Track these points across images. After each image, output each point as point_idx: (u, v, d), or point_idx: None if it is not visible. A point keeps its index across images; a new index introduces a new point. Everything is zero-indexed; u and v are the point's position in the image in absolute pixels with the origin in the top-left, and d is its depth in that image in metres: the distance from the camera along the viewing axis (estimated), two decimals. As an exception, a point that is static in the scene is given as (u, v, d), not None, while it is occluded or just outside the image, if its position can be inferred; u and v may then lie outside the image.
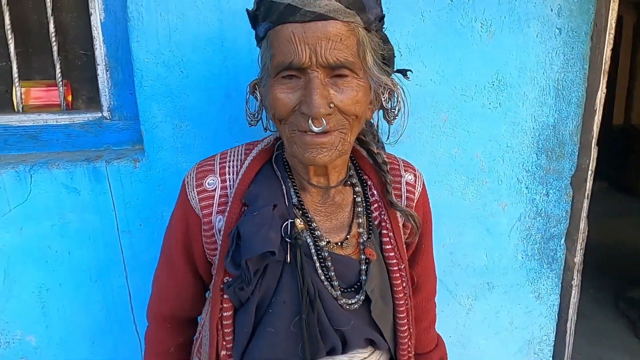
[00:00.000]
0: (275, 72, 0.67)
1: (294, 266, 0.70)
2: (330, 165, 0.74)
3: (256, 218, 0.70)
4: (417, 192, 0.86)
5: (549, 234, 1.30)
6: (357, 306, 0.74)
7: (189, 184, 0.79)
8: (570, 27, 1.15)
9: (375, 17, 0.70)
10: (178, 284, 0.82)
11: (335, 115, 0.67)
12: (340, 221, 0.79)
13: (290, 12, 0.64)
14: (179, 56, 1.04)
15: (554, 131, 1.22)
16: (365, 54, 0.68)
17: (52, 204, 1.09)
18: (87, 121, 1.17)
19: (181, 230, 0.80)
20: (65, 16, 1.17)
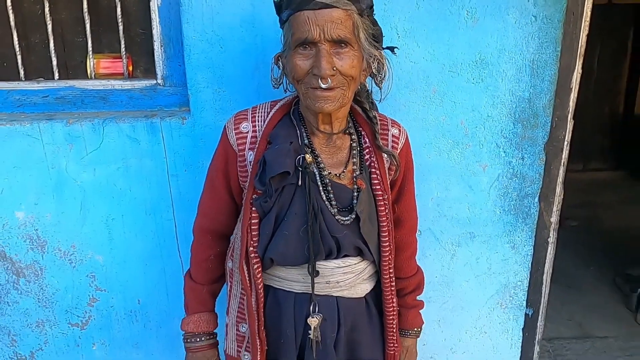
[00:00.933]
0: (294, 45, 0.93)
1: (304, 188, 0.97)
2: (334, 114, 0.99)
3: (277, 149, 0.97)
4: (401, 143, 1.11)
5: (523, 192, 1.52)
6: (349, 222, 1.00)
7: (229, 127, 1.06)
8: (544, 15, 1.35)
9: (367, 6, 0.95)
10: (218, 203, 1.10)
11: (337, 76, 0.92)
12: (339, 159, 1.05)
13: (305, 3, 0.90)
14: (219, 34, 1.31)
15: (529, 104, 1.43)
16: (359, 32, 0.93)
17: (118, 151, 1.39)
18: (145, 87, 1.46)
19: (222, 162, 1.07)
20: (128, 1, 1.46)
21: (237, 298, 1.08)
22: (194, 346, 1.11)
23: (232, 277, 1.10)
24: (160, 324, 1.57)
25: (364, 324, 1.07)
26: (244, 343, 1.07)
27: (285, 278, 1.03)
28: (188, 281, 1.14)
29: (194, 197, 1.42)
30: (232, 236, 1.14)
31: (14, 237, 1.44)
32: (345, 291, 1.04)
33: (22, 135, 1.35)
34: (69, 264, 1.48)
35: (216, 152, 1.10)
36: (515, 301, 1.65)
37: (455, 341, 1.68)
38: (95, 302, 1.53)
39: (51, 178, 1.40)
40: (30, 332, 1.54)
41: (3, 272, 1.48)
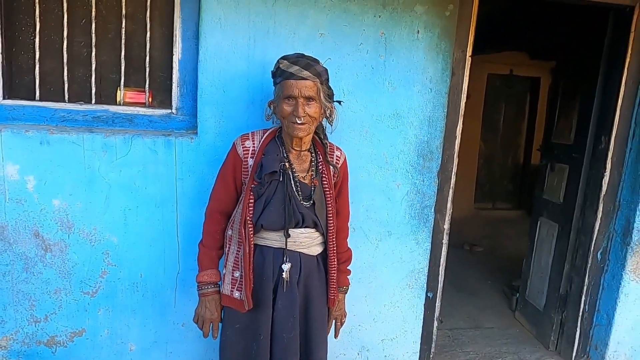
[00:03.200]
0: (283, 98, 1.55)
1: (283, 182, 1.57)
2: (303, 139, 1.60)
3: (270, 158, 1.56)
4: (341, 161, 1.75)
5: (424, 204, 2.21)
6: (309, 206, 1.61)
7: (237, 144, 1.63)
8: (436, 88, 2.11)
9: (325, 79, 1.61)
10: (227, 191, 1.64)
11: (307, 117, 1.54)
12: (304, 167, 1.65)
13: (291, 76, 1.52)
14: (223, 82, 1.91)
15: (427, 145, 2.15)
16: (320, 93, 1.58)
17: (141, 158, 1.90)
18: (162, 114, 2.00)
19: (231, 165, 1.63)
20: (155, 53, 2.02)
21: (234, 254, 1.63)
22: (206, 292, 1.63)
23: (231, 241, 1.65)
24: (156, 294, 2.03)
25: (315, 274, 1.66)
26: (236, 284, 1.61)
27: (267, 238, 1.61)
28: (202, 248, 1.67)
29: (193, 196, 1.97)
30: (232, 214, 1.69)
31: (48, 219, 1.87)
32: (305, 249, 1.63)
33: (68, 142, 1.83)
34: (89, 243, 1.93)
35: (227, 159, 1.67)
36: (418, 283, 2.31)
37: (376, 313, 2.29)
38: (106, 275, 1.97)
39: (86, 175, 1.87)
40: (48, 298, 1.94)
41: (34, 248, 1.89)
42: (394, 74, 2.05)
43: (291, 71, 1.52)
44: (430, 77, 2.09)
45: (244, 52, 1.90)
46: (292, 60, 1.55)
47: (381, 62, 2.03)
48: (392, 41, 2.02)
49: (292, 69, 1.52)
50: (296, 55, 1.58)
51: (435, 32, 2.06)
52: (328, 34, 1.96)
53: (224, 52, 1.89)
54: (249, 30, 1.89)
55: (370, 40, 2.00)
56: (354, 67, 2.01)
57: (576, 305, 2.71)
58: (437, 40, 2.07)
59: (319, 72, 1.56)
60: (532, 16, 3.50)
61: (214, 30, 1.87)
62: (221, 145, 1.94)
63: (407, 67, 2.06)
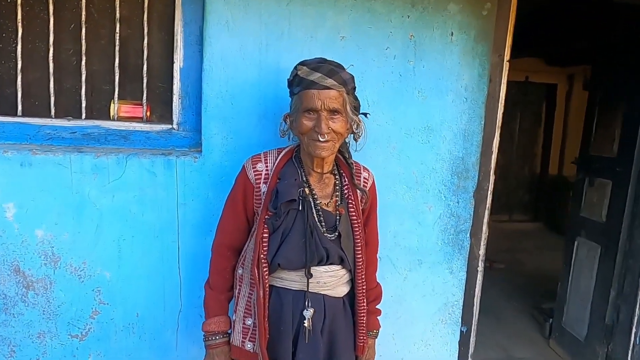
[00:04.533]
0: (302, 111, 1.31)
1: (303, 212, 1.31)
2: (325, 160, 1.36)
3: (286, 183, 1.32)
4: (369, 183, 1.50)
5: (458, 229, 1.95)
6: (334, 238, 1.35)
7: (247, 167, 1.39)
8: (472, 97, 1.86)
9: (351, 88, 1.36)
10: (237, 223, 1.40)
11: (331, 133, 1.30)
12: (327, 192, 1.41)
13: (313, 84, 1.29)
14: (231, 94, 1.67)
15: (462, 161, 1.90)
16: (346, 105, 1.33)
17: (137, 181, 1.65)
18: (161, 130, 1.76)
19: (241, 192, 1.39)
20: (153, 61, 1.78)
21: (245, 297, 1.37)
22: (214, 343, 1.37)
23: (242, 281, 1.39)
24: (155, 335, 1.77)
25: (341, 319, 1.39)
26: (248, 334, 1.35)
27: (286, 279, 1.35)
28: (208, 290, 1.41)
29: (197, 223, 1.72)
30: (243, 249, 1.43)
31: (30, 253, 1.62)
32: (330, 291, 1.37)
33: (53, 164, 1.59)
34: (77, 279, 1.67)
35: (236, 185, 1.42)
36: (452, 318, 2.04)
37: (405, 352, 2.02)
38: (97, 315, 1.71)
39: (74, 201, 1.62)
40: (31, 343, 1.68)
41: (14, 286, 1.64)
42: (425, 81, 1.81)
43: (312, 79, 1.28)
44: (465, 84, 1.84)
45: (255, 58, 1.66)
46: (313, 66, 1.30)
47: (410, 68, 1.78)
48: (423, 44, 1.78)
49: (313, 76, 1.28)
50: (317, 61, 1.34)
51: (471, 33, 1.82)
52: (350, 37, 1.72)
53: (231, 59, 1.65)
54: (261, 33, 1.65)
55: (398, 44, 1.76)
56: (380, 74, 1.76)
57: (625, 336, 2.42)
58: (473, 43, 1.82)
59: (344, 80, 1.31)
60: (559, 19, 3.26)
61: (221, 34, 1.63)
62: (229, 165, 1.70)
63: (439, 73, 1.81)
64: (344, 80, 1.31)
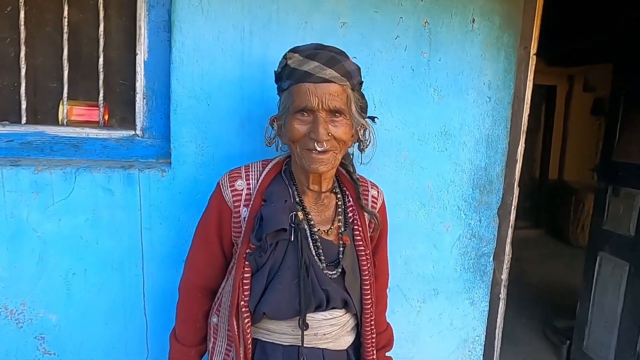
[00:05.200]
0: (294, 111, 1.00)
1: (296, 243, 1.00)
2: (324, 175, 1.06)
3: (274, 207, 1.00)
4: (379, 203, 1.20)
5: (480, 252, 1.66)
6: (336, 276, 1.04)
7: (224, 185, 1.08)
8: (497, 97, 1.57)
9: (357, 82, 1.06)
10: (210, 258, 1.09)
11: (331, 140, 0.99)
12: (326, 217, 1.10)
13: (307, 76, 0.98)
14: (207, 92, 1.35)
15: (485, 172, 1.60)
16: (350, 104, 1.02)
17: (89, 201, 1.32)
18: (122, 137, 1.43)
19: (216, 218, 1.08)
20: (112, 52, 1.46)
21: (222, 354, 1.05)
22: None
23: (217, 333, 1.07)
24: (115, 390, 1.44)
25: None
26: None
27: (274, 331, 1.03)
28: (175, 344, 1.09)
29: (166, 252, 1.39)
30: (219, 291, 1.11)
31: (-48, 293, 1.29)
32: (331, 343, 1.05)
33: (-20, 181, 1.25)
34: (15, 324, 1.33)
35: (209, 208, 1.10)
36: (473, 356, 1.73)
37: (419, 398, 1.71)
38: (41, 368, 1.37)
39: (8, 228, 1.29)
40: (-45, 406, 1.34)
41: None
42: (441, 77, 1.51)
43: (307, 69, 0.98)
44: (488, 81, 1.55)
45: (237, 48, 1.35)
46: (308, 52, 1.00)
47: (424, 61, 1.49)
48: (439, 33, 1.48)
49: (307, 66, 0.98)
50: (314, 47, 1.04)
51: (495, 21, 1.53)
52: (352, 24, 1.42)
53: (207, 49, 1.33)
54: (243, 18, 1.34)
55: (410, 32, 1.46)
56: (388, 69, 1.46)
57: (661, 367, 2.14)
58: (498, 32, 1.53)
59: (349, 72, 1.01)
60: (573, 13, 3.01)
61: (194, 19, 1.32)
62: (205, 180, 1.38)
63: (458, 68, 1.52)
64: (349, 71, 1.01)
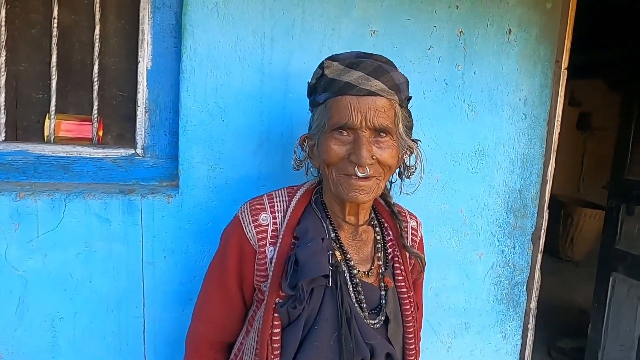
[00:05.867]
0: (331, 129, 0.85)
1: (335, 290, 0.84)
2: (362, 205, 0.91)
3: (311, 247, 0.84)
4: (419, 236, 1.06)
5: (514, 281, 1.52)
6: (379, 325, 0.88)
7: (244, 219, 0.91)
8: (532, 114, 1.45)
9: (406, 97, 0.92)
10: (228, 307, 0.91)
11: (375, 165, 0.85)
12: (365, 255, 0.95)
13: (348, 88, 0.84)
14: (222, 107, 1.18)
15: (520, 195, 1.48)
16: (399, 122, 0.88)
17: (82, 233, 1.13)
18: (119, 156, 1.24)
19: (236, 259, 0.91)
20: (107, 60, 1.27)
21: None
22: None
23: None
24: None
25: None
26: None
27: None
28: None
29: (171, 290, 1.21)
30: (236, 345, 0.94)
31: None
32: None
33: (-51, 210, 1.04)
34: (-12, 380, 1.12)
35: (226, 247, 0.93)
36: (505, 394, 1.59)
37: None
38: None
39: (-18, 266, 1.08)
40: None
41: None
42: (476, 92, 1.38)
43: (348, 80, 0.84)
44: (524, 97, 1.44)
45: (256, 57, 1.19)
46: (350, 61, 0.86)
47: (458, 74, 1.36)
48: (474, 44, 1.36)
49: (350, 75, 0.84)
50: (356, 54, 0.90)
51: (533, 32, 1.42)
52: (383, 32, 1.28)
53: (222, 58, 1.17)
54: (264, 23, 1.19)
55: (444, 43, 1.33)
56: (421, 82, 1.33)
57: (685, 395, 2.05)
58: (535, 45, 1.42)
59: (397, 85, 0.87)
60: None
61: (208, 23, 1.15)
62: (217, 205, 1.20)
63: (493, 82, 1.40)
64: (397, 84, 0.87)
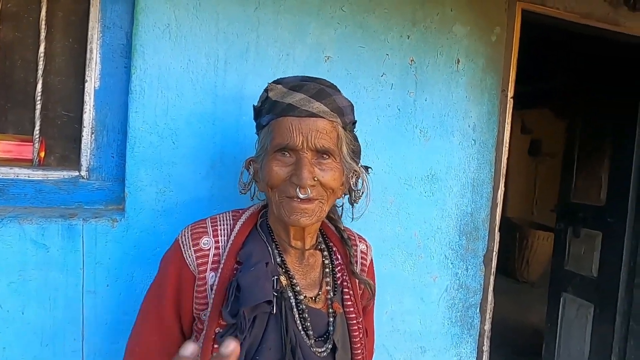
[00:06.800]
0: (273, 151, 0.84)
1: (279, 317, 0.81)
2: (307, 229, 0.90)
3: (254, 272, 0.81)
4: (368, 260, 1.05)
5: (468, 303, 1.55)
6: (326, 354, 0.86)
7: (185, 243, 0.87)
8: (481, 140, 1.51)
9: (350, 121, 0.93)
10: (166, 339, 0.86)
11: (317, 187, 0.84)
12: (313, 279, 0.93)
13: (290, 109, 0.84)
14: (173, 128, 1.16)
15: (471, 218, 1.52)
16: (342, 145, 0.88)
17: (15, 260, 1.05)
18: (62, 179, 1.18)
19: (173, 286, 0.87)
20: (53, 78, 1.22)
21: None
22: None
23: None
24: None
25: None
26: None
27: None
28: None
29: (114, 320, 1.14)
30: None
31: None
32: None
33: None
34: None
35: (164, 273, 0.88)
36: (461, 419, 1.59)
37: None
38: None
39: None
40: None
41: None
42: (427, 118, 1.43)
43: (291, 102, 0.84)
44: (473, 124, 1.50)
45: (209, 80, 1.18)
46: (294, 84, 0.87)
47: (410, 101, 1.40)
48: (425, 72, 1.41)
49: (292, 97, 0.85)
50: (300, 78, 0.91)
51: (479, 62, 1.49)
52: (337, 58, 1.30)
53: (174, 80, 1.15)
54: (218, 46, 1.18)
55: (396, 70, 1.37)
56: (374, 108, 1.36)
57: (632, 412, 2.13)
58: (482, 74, 1.50)
59: (340, 107, 0.88)
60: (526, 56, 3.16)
61: (159, 44, 1.14)
62: (166, 229, 1.16)
63: (444, 108, 1.45)
64: (340, 107, 0.88)
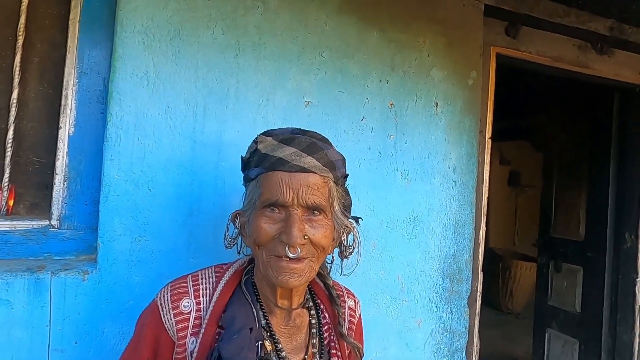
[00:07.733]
0: (261, 206, 0.81)
1: None
2: (295, 289, 0.86)
3: (237, 341, 0.77)
4: (357, 316, 1.01)
5: (453, 347, 1.51)
6: None
7: (164, 305, 0.82)
8: (462, 181, 1.52)
9: (342, 175, 0.90)
10: None
11: (307, 245, 0.80)
12: (299, 342, 0.88)
13: (280, 163, 0.81)
14: (149, 176, 1.13)
15: (454, 260, 1.51)
16: (333, 200, 0.85)
17: (-25, 319, 0.99)
18: (30, 228, 1.13)
19: (149, 352, 0.81)
20: (25, 124, 1.19)
21: None
22: None
23: None
24: None
25: None
26: None
27: None
28: None
29: (82, 380, 1.06)
30: None
31: None
32: None
33: None
34: None
35: (140, 336, 0.83)
36: None
37: None
38: None
39: None
40: None
41: None
42: (408, 161, 1.43)
43: (281, 156, 0.82)
44: (453, 165, 1.51)
45: (188, 126, 1.16)
46: (284, 137, 0.85)
47: (390, 143, 1.41)
48: (404, 116, 1.43)
49: (282, 151, 0.82)
50: (291, 130, 0.89)
51: (457, 105, 1.52)
52: (317, 103, 1.31)
53: (151, 126, 1.13)
54: (196, 92, 1.18)
55: (376, 114, 1.39)
56: (355, 151, 1.36)
57: None
58: (460, 117, 1.52)
59: (332, 161, 0.86)
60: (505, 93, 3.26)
61: (137, 91, 1.12)
62: (140, 281, 1.11)
63: (424, 151, 1.46)
64: (332, 161, 0.86)
